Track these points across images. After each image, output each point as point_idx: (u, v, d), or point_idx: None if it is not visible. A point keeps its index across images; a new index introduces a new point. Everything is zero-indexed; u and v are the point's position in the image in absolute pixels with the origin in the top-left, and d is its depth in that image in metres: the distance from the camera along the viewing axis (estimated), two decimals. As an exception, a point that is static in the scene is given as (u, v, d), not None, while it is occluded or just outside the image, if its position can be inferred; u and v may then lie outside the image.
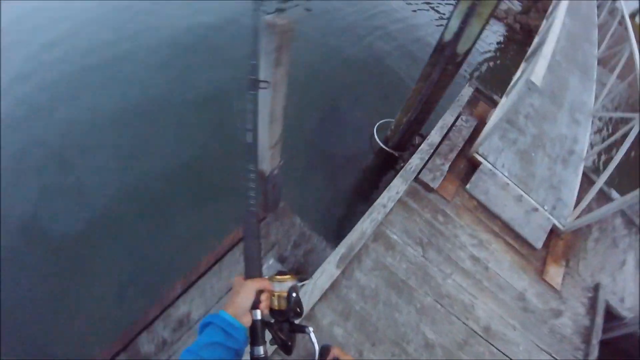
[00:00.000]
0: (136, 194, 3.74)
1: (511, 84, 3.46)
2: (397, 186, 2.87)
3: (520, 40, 7.35)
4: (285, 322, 0.85)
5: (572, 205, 3.26)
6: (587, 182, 3.56)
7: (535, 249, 3.04)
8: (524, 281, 2.88)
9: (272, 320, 0.86)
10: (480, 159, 3.23)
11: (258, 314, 0.80)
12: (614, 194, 3.53)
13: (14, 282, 3.28)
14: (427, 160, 3.10)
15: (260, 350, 0.79)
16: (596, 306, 2.90)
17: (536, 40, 3.85)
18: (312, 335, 0.89)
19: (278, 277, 0.87)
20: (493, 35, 7.61)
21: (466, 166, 3.28)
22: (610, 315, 2.96)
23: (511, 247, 3.01)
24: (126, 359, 2.52)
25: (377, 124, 4.61)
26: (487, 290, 2.73)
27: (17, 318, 3.16)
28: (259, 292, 0.81)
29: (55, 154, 3.90)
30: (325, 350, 0.94)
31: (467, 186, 3.11)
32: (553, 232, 3.17)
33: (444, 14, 7.53)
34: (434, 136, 3.26)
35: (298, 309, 0.86)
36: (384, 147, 4.36)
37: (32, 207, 3.62)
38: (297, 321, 0.88)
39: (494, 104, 3.80)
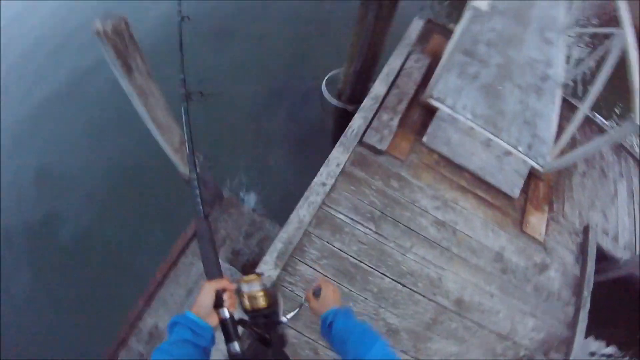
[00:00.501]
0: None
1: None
2: (337, 157, 2.46)
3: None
4: (261, 317, 0.88)
5: (552, 140, 2.84)
6: (568, 108, 3.10)
7: (511, 198, 2.66)
8: (501, 238, 2.54)
9: (246, 318, 0.89)
10: (435, 103, 2.79)
11: (225, 312, 0.83)
12: (600, 119, 3.08)
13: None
14: (372, 118, 2.66)
15: (236, 346, 0.82)
16: (586, 251, 2.57)
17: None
18: (290, 317, 0.97)
19: (245, 278, 0.90)
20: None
21: (421, 115, 2.84)
22: (604, 258, 2.63)
23: (483, 201, 2.64)
24: None
25: (325, 77, 4.08)
26: (457, 257, 2.40)
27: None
28: (220, 292, 0.84)
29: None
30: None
31: (424, 139, 2.69)
32: (532, 175, 2.78)
33: None
34: (378, 87, 2.80)
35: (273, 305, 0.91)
36: (336, 103, 3.86)
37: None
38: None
39: (450, 34, 3.26)
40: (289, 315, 0.97)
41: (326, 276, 2.25)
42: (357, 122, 2.61)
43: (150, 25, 4.11)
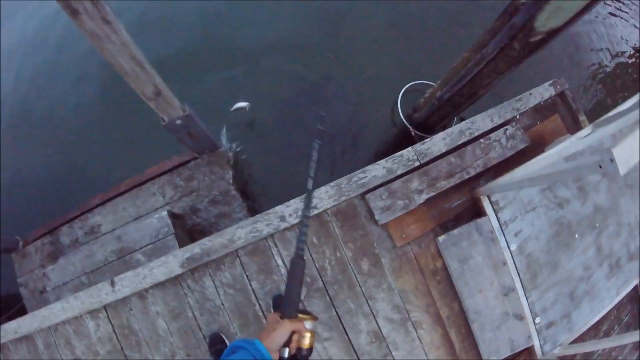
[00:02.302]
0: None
1: (611, 113, 2.07)
2: (320, 199, 1.98)
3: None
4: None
5: (580, 331, 2.22)
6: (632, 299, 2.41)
7: (481, 361, 2.17)
8: (431, 393, 2.13)
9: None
10: (487, 208, 2.15)
11: (286, 352, 0.88)
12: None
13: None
14: (399, 177, 2.08)
15: None
16: None
17: None
18: None
19: (301, 315, 0.96)
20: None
21: (461, 207, 2.24)
22: None
23: (448, 345, 2.19)
24: (49, 241, 2.98)
25: (406, 86, 3.36)
26: (366, 382, 2.04)
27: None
28: (292, 333, 0.89)
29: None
30: None
31: (440, 239, 2.13)
32: (525, 352, 2.23)
33: None
34: (436, 143, 2.15)
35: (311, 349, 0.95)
36: (402, 119, 3.22)
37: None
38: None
39: (575, 126, 2.43)
40: None
41: (223, 305, 1.98)
42: (375, 171, 2.05)
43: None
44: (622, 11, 4.22)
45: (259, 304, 1.98)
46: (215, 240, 1.93)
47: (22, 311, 2.91)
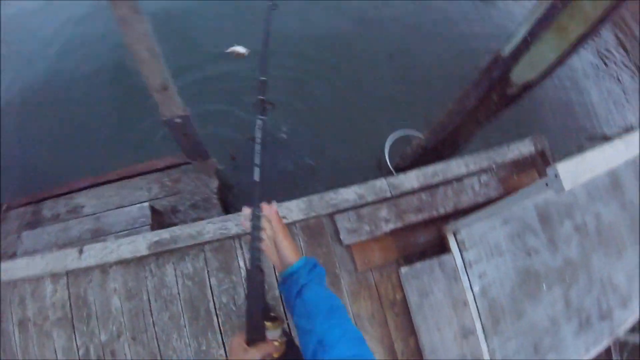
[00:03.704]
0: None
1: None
2: (290, 211, 2.18)
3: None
4: None
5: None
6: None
7: (433, 408, 2.11)
8: None
9: None
10: (452, 245, 2.25)
11: None
12: None
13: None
14: (369, 203, 2.26)
15: None
16: None
17: None
18: None
19: (268, 323, 0.91)
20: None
21: (426, 243, 2.34)
22: None
23: (400, 382, 2.13)
24: (31, 211, 3.11)
25: (394, 135, 3.70)
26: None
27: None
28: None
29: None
30: None
31: (402, 270, 2.22)
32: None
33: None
34: (409, 179, 2.35)
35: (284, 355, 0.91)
36: (387, 163, 3.49)
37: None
38: None
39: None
40: None
41: (179, 295, 2.09)
42: (346, 194, 2.25)
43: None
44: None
45: (214, 301, 2.08)
46: (185, 230, 2.11)
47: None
